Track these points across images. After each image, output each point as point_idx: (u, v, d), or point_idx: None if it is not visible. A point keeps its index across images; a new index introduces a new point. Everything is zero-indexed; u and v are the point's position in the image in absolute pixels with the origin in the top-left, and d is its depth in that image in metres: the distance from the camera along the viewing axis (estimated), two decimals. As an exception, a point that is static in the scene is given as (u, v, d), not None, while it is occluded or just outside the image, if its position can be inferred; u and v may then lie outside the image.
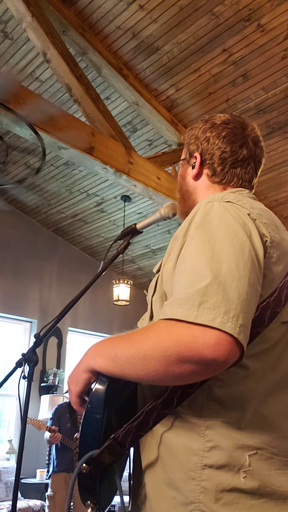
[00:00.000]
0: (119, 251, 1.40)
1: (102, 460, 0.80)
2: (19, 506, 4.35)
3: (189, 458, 0.81)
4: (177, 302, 0.75)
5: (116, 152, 3.47)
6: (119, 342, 0.82)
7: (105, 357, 0.82)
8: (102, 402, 0.81)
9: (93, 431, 0.81)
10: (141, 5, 3.35)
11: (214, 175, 1.08)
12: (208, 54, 3.61)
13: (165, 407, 0.82)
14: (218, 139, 1.08)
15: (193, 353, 0.71)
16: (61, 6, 3.53)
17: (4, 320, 5.74)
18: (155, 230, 5.85)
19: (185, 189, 1.13)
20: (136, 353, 0.77)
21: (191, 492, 0.80)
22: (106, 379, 0.83)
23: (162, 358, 0.73)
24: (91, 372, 0.85)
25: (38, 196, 5.62)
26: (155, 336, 0.75)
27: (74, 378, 0.87)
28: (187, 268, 0.79)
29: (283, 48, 3.46)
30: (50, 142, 3.08)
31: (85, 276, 6.37)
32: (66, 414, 4.16)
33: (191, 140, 1.12)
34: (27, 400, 1.42)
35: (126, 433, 0.81)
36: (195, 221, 0.86)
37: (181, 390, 0.81)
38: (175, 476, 0.82)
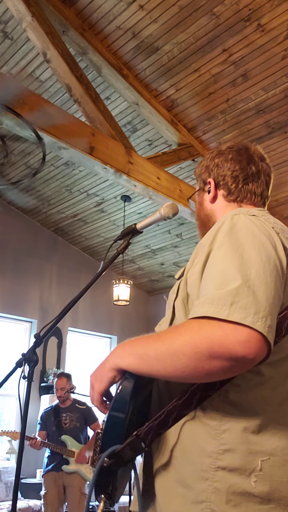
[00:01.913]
0: (119, 251, 1.40)
1: (123, 455, 0.83)
2: (19, 506, 4.36)
3: (203, 460, 0.84)
4: (208, 301, 0.79)
5: (116, 152, 3.47)
6: (147, 340, 0.86)
7: (133, 356, 0.85)
8: (128, 399, 0.84)
9: (117, 427, 0.84)
10: (141, 5, 3.35)
11: (229, 194, 1.16)
12: (208, 54, 3.61)
13: (184, 407, 0.85)
14: (226, 161, 1.17)
15: (224, 349, 0.74)
16: (61, 6, 3.53)
17: (4, 320, 5.73)
18: (155, 230, 5.85)
19: (204, 214, 1.21)
20: (166, 350, 0.80)
21: (203, 491, 0.83)
22: (132, 377, 0.86)
23: (193, 355, 0.76)
24: (117, 370, 0.88)
25: (38, 196, 5.62)
26: (186, 333, 0.79)
27: (98, 377, 0.90)
28: (217, 271, 0.83)
29: (283, 48, 3.46)
30: (50, 142, 3.08)
31: (85, 276, 6.37)
32: (51, 418, 4.20)
33: (202, 171, 1.22)
34: (27, 400, 1.42)
35: (148, 430, 0.84)
36: (223, 230, 0.91)
37: (200, 392, 0.84)
38: (187, 475, 0.86)
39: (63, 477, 4.04)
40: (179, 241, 6.04)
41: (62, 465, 4.03)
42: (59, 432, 4.12)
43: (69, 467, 4.03)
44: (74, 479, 4.03)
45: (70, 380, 4.32)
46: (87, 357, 6.60)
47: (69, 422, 4.19)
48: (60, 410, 4.25)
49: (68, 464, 4.04)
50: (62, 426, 4.16)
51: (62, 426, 4.16)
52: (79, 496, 4.00)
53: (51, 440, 4.08)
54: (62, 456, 4.04)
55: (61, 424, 4.16)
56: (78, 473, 4.06)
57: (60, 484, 4.03)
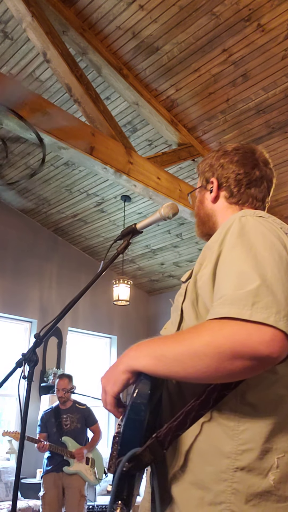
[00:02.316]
0: (119, 251, 1.40)
1: (142, 459, 0.82)
2: (19, 506, 4.36)
3: (221, 461, 0.84)
4: (229, 302, 0.79)
5: (116, 152, 3.47)
6: (164, 342, 0.85)
7: (150, 357, 0.84)
8: (146, 402, 0.83)
9: (136, 430, 0.83)
10: (141, 5, 3.35)
11: (231, 197, 1.16)
12: (208, 54, 3.61)
13: (202, 408, 0.84)
14: (231, 163, 1.17)
15: (248, 349, 0.75)
16: (61, 6, 3.53)
17: (4, 320, 5.74)
18: (155, 230, 5.85)
19: (204, 212, 1.21)
20: (187, 351, 0.79)
21: (222, 492, 0.83)
22: (148, 379, 0.84)
23: (215, 355, 0.76)
24: (131, 372, 0.87)
25: (38, 196, 5.62)
26: (207, 334, 0.78)
27: (111, 379, 0.89)
28: (234, 272, 0.83)
29: (283, 48, 3.46)
30: (50, 142, 3.08)
31: (85, 276, 6.37)
32: (52, 419, 4.19)
33: (206, 169, 1.22)
34: (27, 400, 1.42)
35: (167, 432, 0.84)
36: (233, 231, 0.91)
37: (217, 392, 0.84)
38: (205, 477, 0.85)
39: (63, 478, 4.03)
40: (179, 241, 6.04)
41: (62, 466, 4.02)
42: (60, 433, 4.12)
43: (70, 468, 4.03)
44: (74, 480, 4.02)
45: (71, 381, 4.32)
46: (87, 357, 6.61)
47: (69, 423, 4.18)
48: (60, 411, 4.24)
49: (69, 465, 4.03)
50: (63, 427, 4.15)
51: (63, 427, 4.15)
52: (78, 497, 3.98)
53: (52, 441, 4.08)
54: (63, 457, 4.04)
55: (62, 425, 4.16)
56: (79, 474, 4.06)
57: (59, 485, 4.02)
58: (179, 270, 6.71)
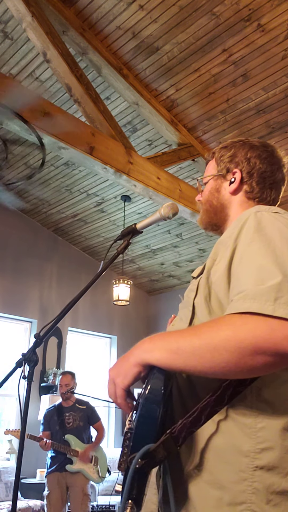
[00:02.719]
0: (119, 251, 1.40)
1: (156, 455, 0.80)
2: (19, 506, 4.36)
3: (240, 460, 0.83)
4: (250, 297, 0.77)
5: (116, 152, 3.47)
6: (181, 335, 0.83)
7: (165, 350, 0.82)
8: (161, 396, 0.81)
9: (150, 425, 0.80)
10: (141, 5, 3.35)
11: (251, 192, 1.15)
12: (208, 54, 3.61)
13: (217, 404, 0.83)
14: (258, 159, 1.16)
15: (270, 344, 0.73)
16: (61, 6, 3.53)
17: (4, 320, 5.74)
18: (155, 230, 5.85)
19: (219, 202, 1.18)
20: (206, 345, 0.78)
21: (242, 492, 0.81)
22: (162, 373, 0.82)
23: (236, 350, 0.75)
24: (143, 366, 0.84)
25: (38, 196, 5.62)
26: (228, 328, 0.77)
27: (121, 372, 0.86)
28: (254, 267, 0.82)
29: (283, 48, 3.46)
30: (50, 142, 3.08)
31: (85, 276, 6.37)
32: (55, 417, 4.19)
33: (227, 158, 1.19)
34: (27, 400, 1.42)
35: (182, 428, 0.82)
36: (249, 226, 0.90)
37: (232, 388, 0.82)
38: (223, 477, 0.83)
39: (66, 477, 4.02)
40: (179, 241, 6.04)
41: (65, 465, 4.01)
42: (63, 431, 4.11)
43: (73, 467, 4.02)
44: (77, 479, 4.02)
45: (74, 378, 4.33)
46: (87, 357, 6.61)
47: (72, 421, 4.18)
48: (63, 409, 4.23)
49: (71, 464, 4.03)
50: (65, 425, 4.15)
51: (65, 425, 4.15)
52: (81, 496, 3.98)
53: (55, 440, 4.07)
54: (66, 455, 4.03)
55: (64, 424, 4.15)
56: (82, 472, 4.05)
57: (63, 484, 4.01)
58: (179, 270, 6.71)
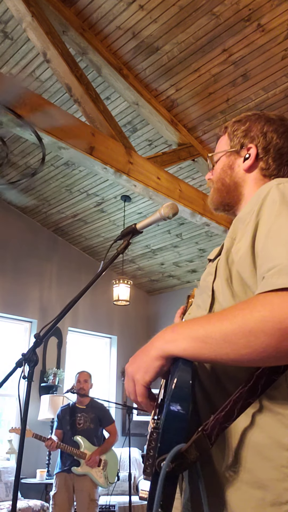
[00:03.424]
0: (119, 251, 1.40)
1: (188, 456, 0.71)
2: (19, 506, 4.35)
3: (281, 454, 0.75)
4: (285, 272, 0.70)
5: (116, 152, 3.47)
6: (208, 321, 0.75)
7: (191, 339, 0.74)
8: (189, 391, 0.73)
9: (180, 424, 0.72)
10: (141, 5, 3.35)
11: (267, 169, 1.07)
12: (208, 54, 3.61)
13: (250, 395, 0.75)
14: (275, 133, 1.07)
15: None
16: (61, 6, 3.53)
17: (4, 320, 5.73)
18: (155, 230, 5.85)
19: (232, 180, 1.10)
20: (239, 329, 0.69)
21: (286, 491, 0.74)
22: (188, 365, 0.74)
23: (276, 331, 0.67)
24: (166, 358, 0.76)
25: (38, 196, 5.62)
26: (264, 308, 0.69)
27: (142, 367, 0.78)
28: (285, 240, 0.75)
29: (283, 48, 3.46)
30: (50, 142, 3.08)
31: (85, 276, 6.37)
32: (67, 416, 4.14)
33: (242, 132, 1.10)
34: (27, 400, 1.42)
35: (214, 424, 0.74)
36: (273, 199, 0.83)
37: (265, 377, 0.75)
38: (263, 475, 0.76)
39: (73, 479, 3.93)
40: (179, 241, 6.04)
41: (72, 466, 3.93)
42: (73, 432, 4.04)
43: (79, 469, 3.92)
44: (84, 482, 3.92)
45: (91, 377, 4.33)
46: (87, 357, 6.61)
47: (83, 422, 4.11)
48: (76, 409, 4.17)
49: (78, 466, 3.94)
50: (76, 426, 4.07)
51: (76, 426, 4.08)
52: (87, 502, 3.86)
53: (65, 440, 4.00)
54: (74, 457, 3.97)
55: (75, 424, 4.08)
56: (88, 476, 3.95)
57: (70, 485, 3.92)
58: (179, 270, 6.71)
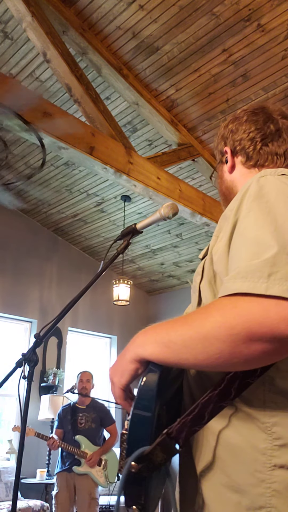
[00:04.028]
0: (119, 251, 1.40)
1: (153, 458, 0.71)
2: (19, 506, 4.35)
3: (256, 458, 0.74)
4: (241, 275, 0.68)
5: (116, 152, 3.47)
6: (173, 325, 0.74)
7: (157, 344, 0.74)
8: (154, 393, 0.73)
9: (144, 426, 0.73)
10: (141, 5, 3.35)
11: (248, 160, 1.05)
12: (208, 54, 3.61)
13: (222, 399, 0.73)
14: (240, 125, 1.07)
15: (266, 329, 0.64)
16: (61, 6, 3.53)
17: (4, 320, 5.74)
18: (155, 230, 5.85)
19: (225, 186, 1.11)
20: (196, 335, 0.69)
21: (260, 496, 0.73)
22: (157, 368, 0.75)
23: (227, 338, 0.66)
24: (139, 362, 0.77)
25: (38, 196, 5.62)
26: (218, 313, 0.68)
27: (118, 370, 0.80)
28: (248, 240, 0.72)
29: (283, 48, 3.46)
30: (50, 142, 3.08)
31: (85, 276, 6.37)
32: (68, 416, 4.16)
33: (218, 141, 1.13)
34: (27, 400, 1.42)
35: (181, 427, 0.73)
36: (249, 194, 0.80)
37: (239, 381, 0.73)
38: (239, 478, 0.75)
39: (74, 478, 3.98)
40: (179, 241, 6.04)
41: (73, 466, 3.97)
42: (74, 431, 4.07)
43: (80, 469, 3.97)
44: (85, 482, 3.97)
45: (93, 378, 4.35)
46: (87, 357, 6.61)
47: (84, 422, 4.14)
48: (77, 409, 4.21)
49: (79, 465, 3.99)
50: (77, 426, 4.11)
51: (77, 425, 4.11)
52: (88, 501, 3.91)
53: (66, 439, 4.04)
54: (75, 456, 4.00)
55: (77, 424, 4.12)
56: (89, 475, 3.99)
57: (71, 485, 3.97)
58: (179, 270, 6.71)
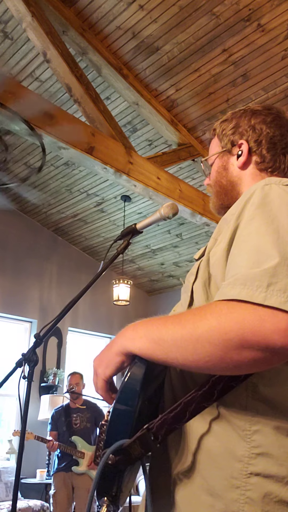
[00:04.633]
0: (119, 251, 1.40)
1: (131, 452, 0.72)
2: (19, 506, 4.35)
3: (232, 465, 0.74)
4: (240, 282, 0.68)
5: (116, 152, 3.47)
6: (164, 323, 0.75)
7: (146, 339, 0.75)
8: (138, 388, 0.74)
9: (125, 419, 0.73)
10: (141, 5, 3.35)
11: (262, 162, 1.03)
12: (208, 54, 3.61)
13: (204, 399, 0.74)
14: (264, 124, 1.04)
15: (259, 338, 0.64)
16: (61, 6, 3.53)
17: (4, 320, 5.74)
18: (155, 230, 5.85)
19: (228, 180, 1.06)
20: (188, 336, 0.69)
21: (234, 502, 0.73)
22: (143, 363, 0.75)
23: (220, 342, 0.66)
24: (126, 355, 0.77)
25: (38, 196, 5.62)
26: (213, 317, 0.68)
27: (103, 361, 0.80)
28: (250, 247, 0.72)
29: (283, 48, 3.46)
30: (50, 142, 3.08)
31: (85, 276, 6.37)
32: (62, 418, 4.19)
33: (230, 130, 1.07)
34: (27, 400, 1.42)
35: (161, 424, 0.73)
36: (253, 201, 0.80)
37: (223, 383, 0.74)
38: (215, 483, 0.75)
39: (72, 477, 4.03)
40: (179, 241, 6.04)
41: (72, 466, 4.02)
42: (69, 432, 4.12)
43: (79, 468, 4.03)
44: (84, 480, 4.03)
45: (82, 379, 4.35)
46: (87, 357, 6.60)
47: (79, 422, 4.18)
48: (70, 410, 4.24)
49: (78, 465, 4.04)
50: (72, 426, 4.15)
51: (72, 426, 4.16)
52: (87, 497, 4.00)
53: (61, 440, 4.09)
54: (72, 456, 4.04)
55: (72, 424, 4.16)
56: (88, 474, 4.06)
57: (69, 484, 4.02)
58: (179, 270, 6.71)
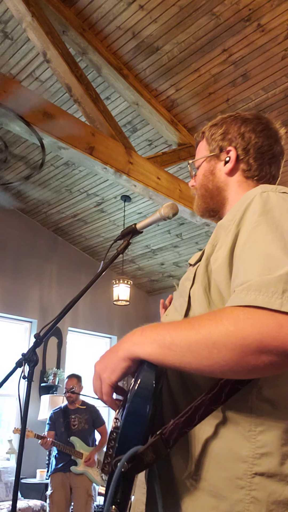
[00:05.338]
0: (119, 251, 1.40)
1: (144, 458, 0.72)
2: (19, 506, 4.35)
3: (237, 465, 0.76)
4: (255, 288, 0.69)
5: (116, 152, 3.47)
6: (176, 327, 0.74)
7: (157, 344, 0.74)
8: (150, 393, 0.73)
9: (138, 426, 0.73)
10: (141, 5, 3.35)
11: (249, 170, 1.05)
12: (208, 54, 3.61)
13: (212, 403, 0.75)
14: (254, 133, 1.06)
15: (278, 343, 0.65)
16: (61, 6, 3.53)
17: (4, 320, 5.73)
18: (155, 230, 5.85)
19: (215, 185, 1.09)
20: (203, 340, 0.69)
21: (239, 502, 0.74)
22: (152, 369, 0.75)
23: (237, 347, 0.67)
24: (133, 360, 0.77)
25: (38, 196, 5.62)
26: (229, 322, 0.68)
27: (109, 366, 0.79)
28: (258, 254, 0.74)
29: (283, 48, 3.46)
30: (50, 142, 3.08)
31: (85, 276, 6.37)
32: (60, 419, 4.21)
33: (219, 136, 1.09)
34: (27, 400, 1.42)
35: (173, 429, 0.74)
36: (254, 209, 0.82)
37: (230, 386, 0.75)
38: (219, 484, 0.76)
39: (70, 477, 4.05)
40: (179, 241, 6.04)
41: (70, 466, 4.05)
42: (68, 433, 4.15)
43: (78, 469, 4.05)
44: (82, 480, 4.04)
45: (80, 381, 4.36)
46: (87, 357, 6.60)
47: (77, 423, 4.21)
48: (69, 411, 4.27)
49: (76, 465, 4.06)
50: (71, 427, 4.18)
51: (71, 427, 4.18)
52: (86, 497, 4.00)
53: (60, 441, 4.10)
54: (71, 457, 4.06)
55: (70, 425, 4.19)
56: (86, 475, 4.07)
57: (67, 484, 4.04)
58: (179, 270, 6.71)
